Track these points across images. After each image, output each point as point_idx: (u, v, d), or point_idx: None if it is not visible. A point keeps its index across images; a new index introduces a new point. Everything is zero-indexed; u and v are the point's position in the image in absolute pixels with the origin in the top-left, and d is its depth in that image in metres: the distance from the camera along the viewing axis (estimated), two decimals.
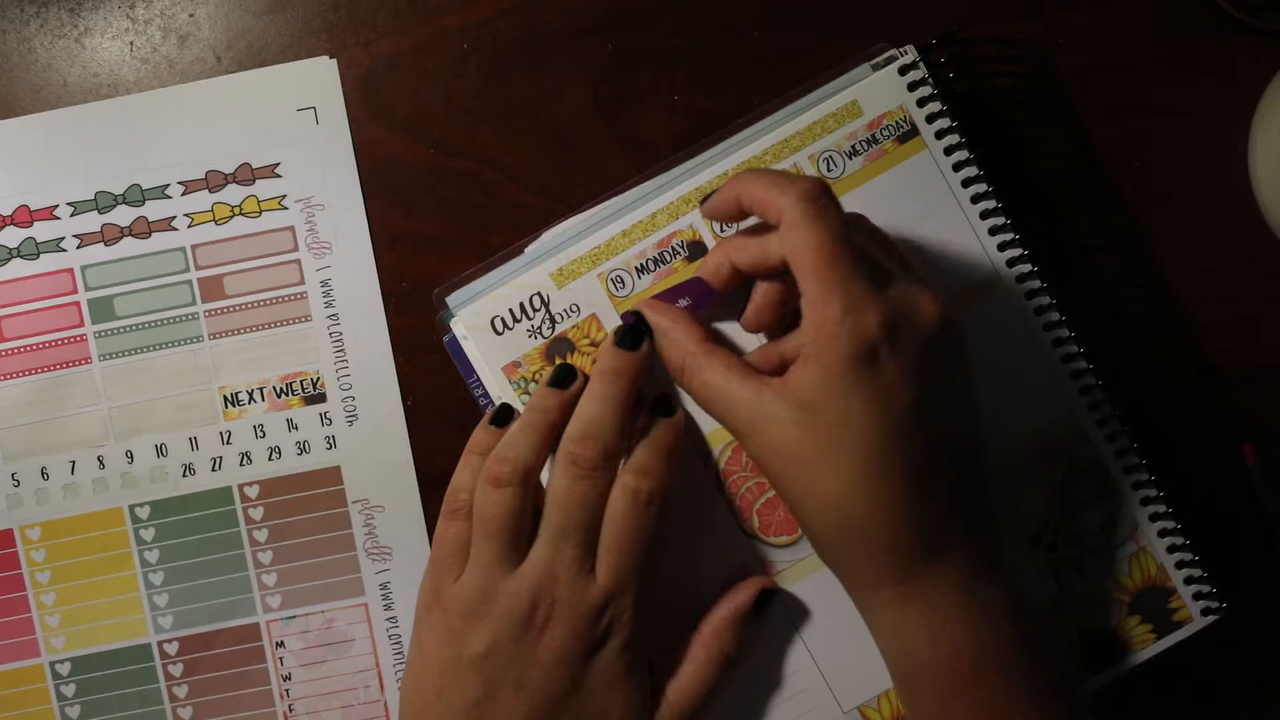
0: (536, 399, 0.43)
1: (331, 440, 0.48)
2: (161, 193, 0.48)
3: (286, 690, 0.48)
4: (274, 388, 0.48)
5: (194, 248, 0.48)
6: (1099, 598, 0.46)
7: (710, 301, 0.45)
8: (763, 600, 0.44)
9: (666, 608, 0.45)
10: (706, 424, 0.45)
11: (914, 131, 0.45)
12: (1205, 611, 0.46)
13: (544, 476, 0.43)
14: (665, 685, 0.42)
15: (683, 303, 0.45)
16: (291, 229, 0.48)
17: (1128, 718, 0.48)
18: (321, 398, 0.48)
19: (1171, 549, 0.46)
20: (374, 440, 0.48)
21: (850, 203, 0.45)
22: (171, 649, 0.48)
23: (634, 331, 0.43)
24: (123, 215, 0.48)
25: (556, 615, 0.40)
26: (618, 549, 0.40)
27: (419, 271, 0.48)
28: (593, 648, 0.40)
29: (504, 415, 0.44)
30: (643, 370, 0.43)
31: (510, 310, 0.45)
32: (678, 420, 0.43)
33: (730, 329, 0.45)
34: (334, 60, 0.48)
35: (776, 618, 0.46)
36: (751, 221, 0.43)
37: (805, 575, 0.45)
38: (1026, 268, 0.46)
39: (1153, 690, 0.48)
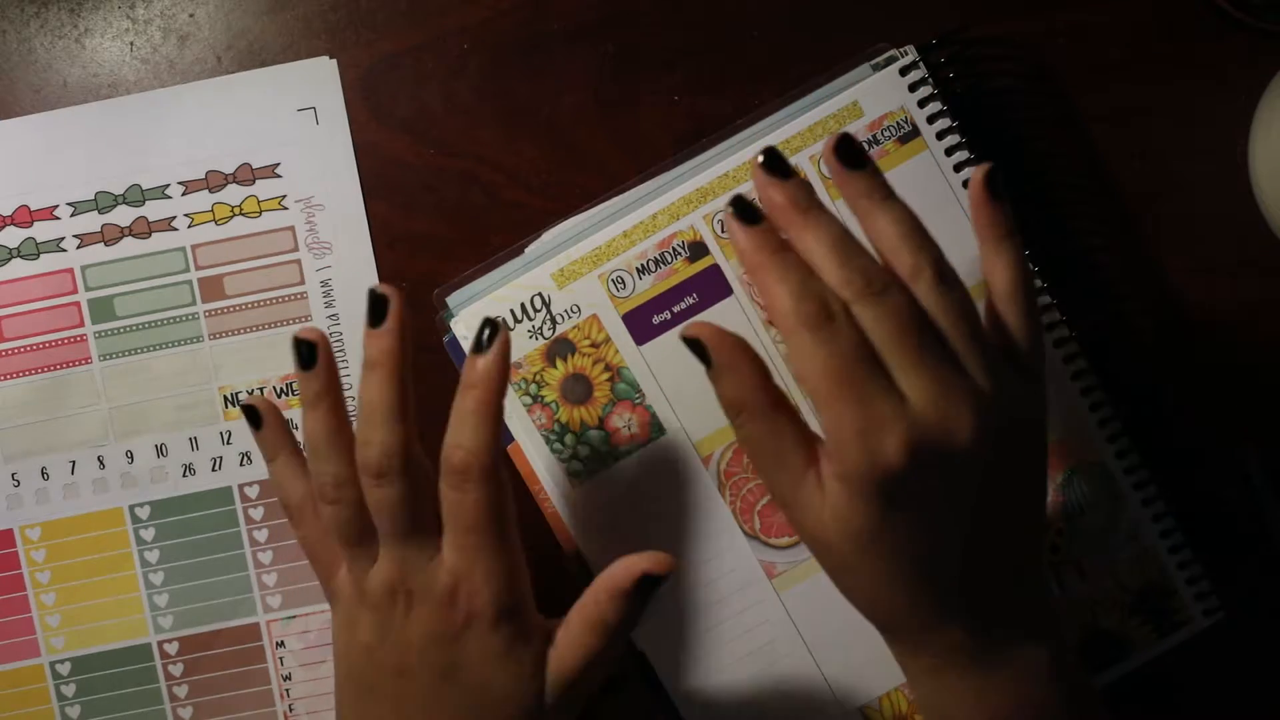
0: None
1: None
2: (161, 193, 0.48)
3: (287, 690, 0.48)
4: (274, 388, 0.48)
5: (194, 248, 0.48)
6: (1100, 598, 0.46)
7: (719, 296, 0.45)
8: (645, 584, 0.39)
9: (666, 606, 0.45)
10: (706, 426, 0.45)
11: (915, 132, 0.45)
12: (1206, 612, 0.46)
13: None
14: (556, 641, 0.40)
15: (690, 299, 0.45)
16: (291, 229, 0.48)
17: (1128, 718, 0.48)
18: None
19: (1173, 549, 0.46)
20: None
21: None
22: (172, 649, 0.48)
23: (377, 305, 0.38)
24: (123, 215, 0.48)
25: (415, 601, 0.39)
26: (453, 529, 0.39)
27: (419, 271, 0.48)
28: (461, 627, 0.39)
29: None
30: (402, 354, 0.39)
31: (511, 311, 0.45)
32: (486, 363, 0.38)
33: (738, 329, 0.45)
34: (334, 60, 0.48)
35: (777, 619, 0.46)
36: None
37: (807, 577, 0.45)
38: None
39: (1154, 691, 0.48)
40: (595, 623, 0.39)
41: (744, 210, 0.36)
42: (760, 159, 0.37)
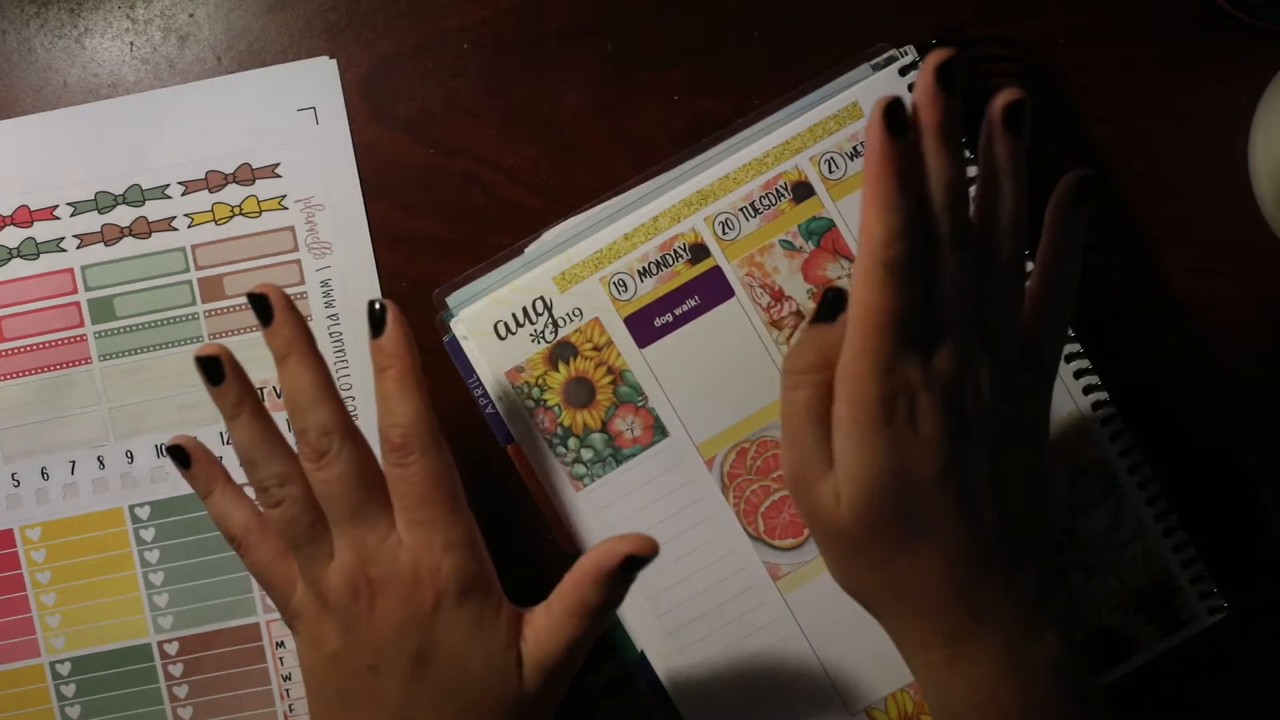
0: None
1: None
2: (161, 193, 0.48)
3: (286, 690, 0.48)
4: (274, 388, 0.48)
5: (194, 248, 0.48)
6: (1104, 597, 0.46)
7: (721, 299, 0.45)
8: (629, 566, 0.39)
9: (668, 608, 0.45)
10: (709, 429, 0.45)
11: None
12: (1210, 610, 0.46)
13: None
14: (536, 624, 0.40)
15: (691, 302, 0.45)
16: (291, 229, 0.48)
17: (1133, 716, 0.48)
18: None
19: (1176, 548, 0.46)
20: (374, 440, 0.48)
21: (851, 204, 0.45)
22: (172, 649, 0.48)
23: (262, 306, 0.40)
24: (123, 215, 0.48)
25: (378, 591, 0.39)
26: (404, 508, 0.39)
27: (419, 271, 0.48)
28: (430, 607, 0.39)
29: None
30: (308, 337, 0.40)
31: (514, 314, 0.45)
32: (388, 341, 0.39)
33: (739, 332, 0.45)
34: (334, 60, 0.48)
35: (782, 620, 0.46)
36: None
37: (810, 578, 0.45)
38: (1027, 268, 0.46)
39: (1157, 689, 0.48)
40: (577, 606, 0.39)
41: (893, 121, 0.34)
42: (936, 65, 0.35)
